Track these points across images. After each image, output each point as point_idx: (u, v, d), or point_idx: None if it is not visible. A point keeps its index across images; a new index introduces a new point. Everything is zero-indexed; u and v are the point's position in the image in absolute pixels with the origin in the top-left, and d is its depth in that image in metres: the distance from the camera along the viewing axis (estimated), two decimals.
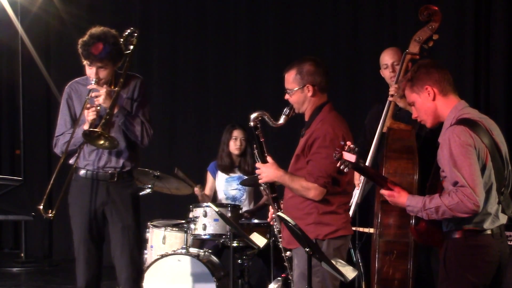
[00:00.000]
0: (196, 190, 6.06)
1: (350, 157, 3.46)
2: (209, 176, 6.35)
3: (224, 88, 8.03)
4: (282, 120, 4.02)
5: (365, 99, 7.00)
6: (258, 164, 3.99)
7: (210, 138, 7.59)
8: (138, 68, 7.57)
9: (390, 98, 4.83)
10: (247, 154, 6.14)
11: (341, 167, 3.49)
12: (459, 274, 3.40)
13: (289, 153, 4.10)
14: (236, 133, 6.14)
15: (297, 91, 3.93)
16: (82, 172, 4.54)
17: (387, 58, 5.09)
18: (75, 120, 4.53)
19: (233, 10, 8.02)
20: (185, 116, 8.13)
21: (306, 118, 4.00)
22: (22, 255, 8.61)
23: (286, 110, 4.01)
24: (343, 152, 3.46)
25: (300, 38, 7.66)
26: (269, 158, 3.96)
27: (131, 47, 4.67)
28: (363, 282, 5.05)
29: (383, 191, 3.57)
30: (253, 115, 3.98)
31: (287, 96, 4.00)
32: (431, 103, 3.52)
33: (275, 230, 4.20)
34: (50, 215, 4.36)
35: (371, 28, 7.26)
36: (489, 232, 3.40)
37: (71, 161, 4.56)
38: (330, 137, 3.81)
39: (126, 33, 4.70)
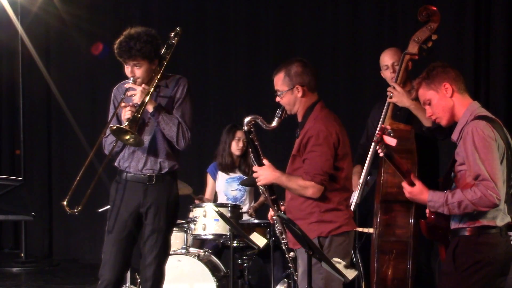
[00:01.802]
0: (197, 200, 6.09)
1: (391, 140, 3.49)
2: (209, 179, 6.35)
3: (224, 88, 8.03)
4: (275, 122, 4.03)
5: (365, 99, 6.99)
6: (255, 168, 4.01)
7: (210, 138, 7.58)
8: None
9: (389, 100, 4.82)
10: (247, 155, 6.14)
11: (378, 151, 3.54)
12: (469, 270, 3.45)
13: (287, 154, 4.10)
14: (240, 134, 6.12)
15: (287, 92, 3.96)
16: (123, 174, 4.52)
17: (386, 58, 5.08)
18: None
19: (233, 10, 8.02)
20: None
21: (299, 119, 4.02)
22: (22, 255, 8.60)
23: (278, 112, 4.03)
24: (384, 136, 3.49)
25: (300, 38, 7.66)
26: (265, 161, 3.98)
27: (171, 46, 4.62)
28: (363, 282, 5.04)
29: (405, 185, 3.60)
30: (246, 119, 4.01)
31: (278, 99, 4.02)
32: (449, 100, 3.56)
33: (277, 231, 4.21)
34: (75, 211, 4.30)
35: (371, 28, 7.26)
36: (497, 230, 3.46)
37: (115, 163, 4.55)
38: (324, 135, 3.84)
39: (173, 33, 4.67)
